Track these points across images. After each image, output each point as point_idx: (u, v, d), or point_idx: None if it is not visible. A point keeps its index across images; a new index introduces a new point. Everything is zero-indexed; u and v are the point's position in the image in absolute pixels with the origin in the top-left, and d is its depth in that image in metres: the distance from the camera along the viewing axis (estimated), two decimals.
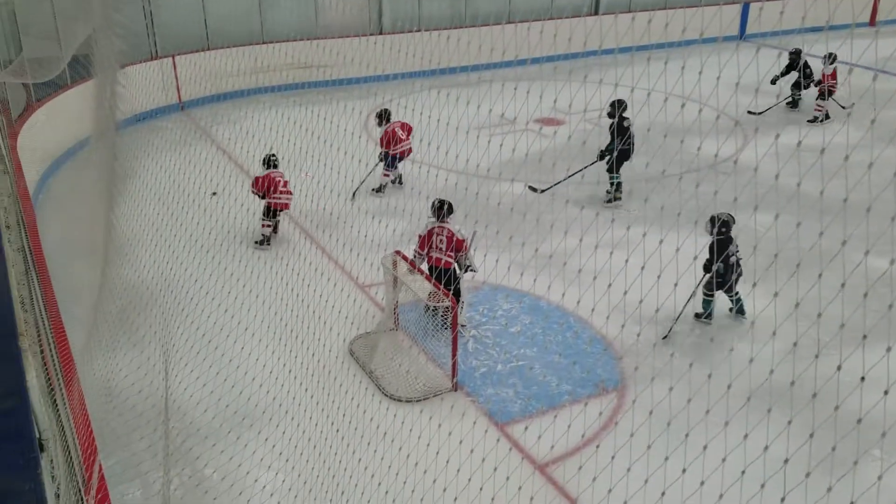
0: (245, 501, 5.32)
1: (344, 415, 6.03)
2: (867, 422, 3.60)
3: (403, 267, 7.13)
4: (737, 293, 7.46)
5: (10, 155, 9.06)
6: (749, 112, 13.94)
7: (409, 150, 10.83)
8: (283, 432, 5.92)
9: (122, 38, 5.74)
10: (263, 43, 15.77)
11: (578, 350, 7.35)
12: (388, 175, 10.95)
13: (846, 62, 14.16)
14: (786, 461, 3.24)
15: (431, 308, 7.19)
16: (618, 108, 9.93)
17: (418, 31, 17.01)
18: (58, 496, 2.64)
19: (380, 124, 10.86)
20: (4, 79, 10.27)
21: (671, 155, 11.13)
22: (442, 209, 7.54)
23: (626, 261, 4.32)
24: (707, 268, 7.02)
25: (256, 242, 9.30)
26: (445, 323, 6.90)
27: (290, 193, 9.32)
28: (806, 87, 14.48)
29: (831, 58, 13.61)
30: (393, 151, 10.56)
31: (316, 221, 9.98)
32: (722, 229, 6.93)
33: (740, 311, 7.60)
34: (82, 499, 3.30)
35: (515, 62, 16.73)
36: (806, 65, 14.02)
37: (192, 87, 14.60)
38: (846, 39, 16.72)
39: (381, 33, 17.46)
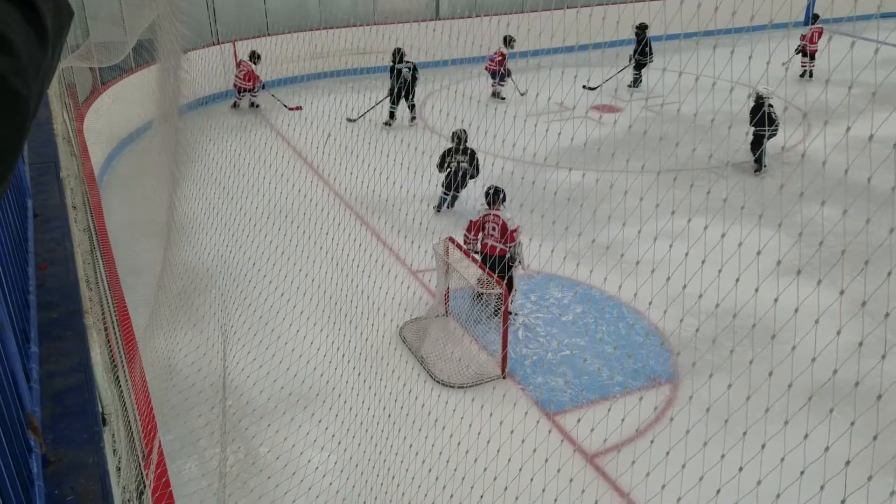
0: (299, 481, 5.41)
1: (395, 399, 6.08)
2: None
3: (455, 253, 7.13)
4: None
5: (77, 138, 9.35)
6: (585, 87, 14.02)
7: None
8: (336, 414, 6.00)
9: (185, 24, 5.86)
10: (321, 29, 15.90)
11: (632, 342, 7.25)
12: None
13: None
14: (847, 463, 3.13)
15: (482, 295, 7.18)
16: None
17: (476, 16, 16.90)
18: (119, 469, 2.73)
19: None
20: (72, 63, 10.59)
21: (736, 145, 10.85)
22: (496, 196, 7.50)
23: (686, 254, 4.22)
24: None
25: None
26: (496, 310, 6.89)
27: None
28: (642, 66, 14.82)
29: (815, 19, 15.77)
30: None
31: (369, 206, 10.04)
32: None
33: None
34: (142, 472, 3.40)
35: (577, 48, 16.51)
36: (646, 43, 14.26)
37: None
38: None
39: (437, 18, 17.42)
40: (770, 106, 9.86)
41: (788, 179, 9.49)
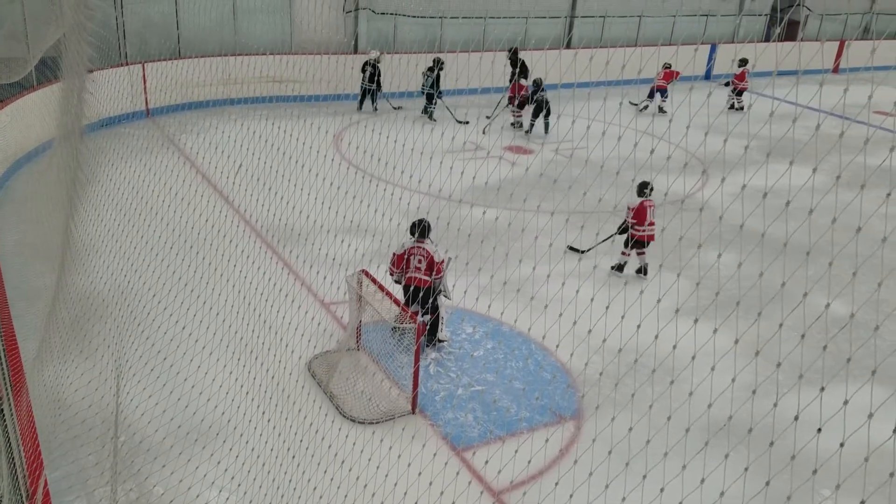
0: None
1: (299, 436, 5.92)
2: (816, 459, 3.63)
3: (369, 286, 7.07)
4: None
5: None
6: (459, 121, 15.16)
7: None
8: (236, 454, 5.78)
9: (92, 44, 5.65)
10: (235, 55, 15.69)
11: (541, 379, 7.35)
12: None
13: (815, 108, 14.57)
14: None
15: (398, 329, 7.14)
16: None
17: (395, 53, 17.07)
18: None
19: None
20: None
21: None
22: (423, 228, 7.51)
23: (592, 299, 4.34)
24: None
25: None
26: (411, 345, 6.85)
27: None
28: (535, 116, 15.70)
29: (742, 61, 17.35)
30: None
31: (278, 237, 9.87)
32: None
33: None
34: None
35: (493, 89, 16.96)
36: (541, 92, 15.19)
37: (160, 96, 14.42)
38: (793, 86, 17.20)
39: (355, 52, 17.50)
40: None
41: (688, 228, 9.93)
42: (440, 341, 7.68)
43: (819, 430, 3.01)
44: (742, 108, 17.24)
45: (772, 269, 8.22)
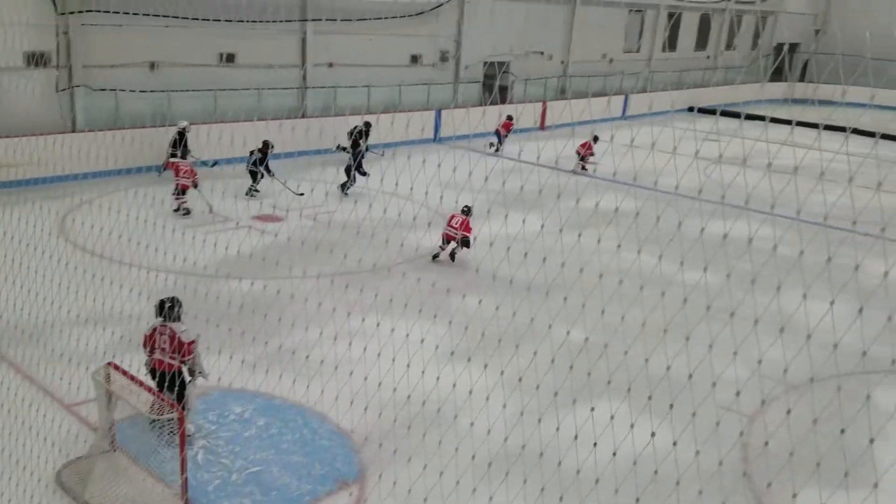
0: None
1: None
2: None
3: (119, 379, 6.48)
4: None
5: None
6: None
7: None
8: None
9: None
10: None
11: (318, 447, 7.21)
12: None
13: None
14: None
15: (155, 421, 6.60)
16: None
17: (118, 129, 16.11)
18: None
19: None
20: None
21: (395, 248, 11.74)
22: (170, 308, 7.04)
23: (350, 344, 4.41)
24: None
25: None
26: (172, 436, 6.36)
27: None
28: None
29: (593, 137, 19.09)
30: None
31: (10, 334, 8.72)
32: None
33: None
34: None
35: (224, 161, 16.68)
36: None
37: None
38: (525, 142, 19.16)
39: (73, 131, 16.27)
40: None
41: (451, 279, 10.49)
42: (188, 436, 7.14)
43: (594, 444, 3.33)
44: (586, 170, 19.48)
45: (521, 308, 8.93)
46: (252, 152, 15.59)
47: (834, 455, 6.18)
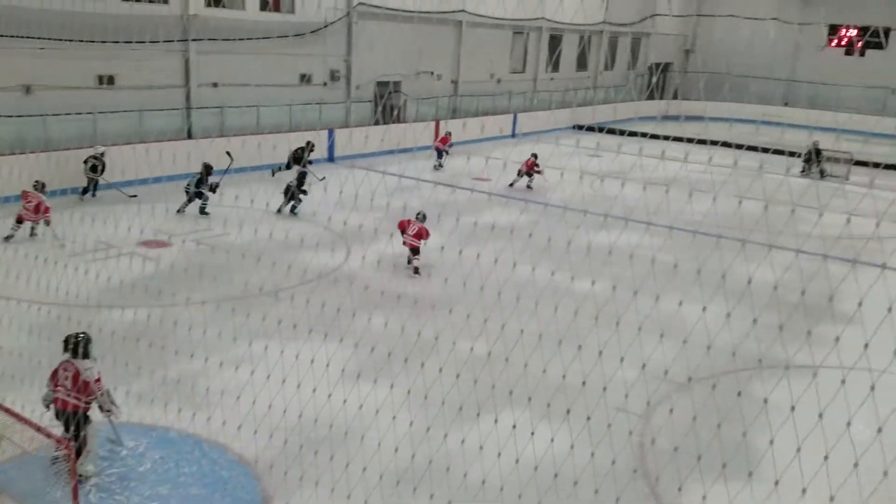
0: None
1: None
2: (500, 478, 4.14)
3: (1, 418, 6.11)
4: None
5: None
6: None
7: None
8: None
9: None
10: None
11: (216, 477, 7.02)
12: None
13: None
14: None
15: (57, 459, 6.29)
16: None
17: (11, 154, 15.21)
18: None
19: None
20: None
21: (285, 269, 11.61)
22: (70, 344, 6.71)
23: (252, 372, 4.39)
24: None
25: None
26: (65, 474, 6.06)
27: None
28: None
29: (532, 154, 19.47)
30: None
31: None
32: None
33: None
34: None
35: (106, 185, 16.01)
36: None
37: None
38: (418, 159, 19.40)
39: None
40: None
41: (330, 297, 10.46)
42: (85, 477, 6.73)
43: (499, 454, 3.46)
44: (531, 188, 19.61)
45: (426, 326, 9.06)
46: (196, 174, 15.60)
47: (714, 448, 6.62)
